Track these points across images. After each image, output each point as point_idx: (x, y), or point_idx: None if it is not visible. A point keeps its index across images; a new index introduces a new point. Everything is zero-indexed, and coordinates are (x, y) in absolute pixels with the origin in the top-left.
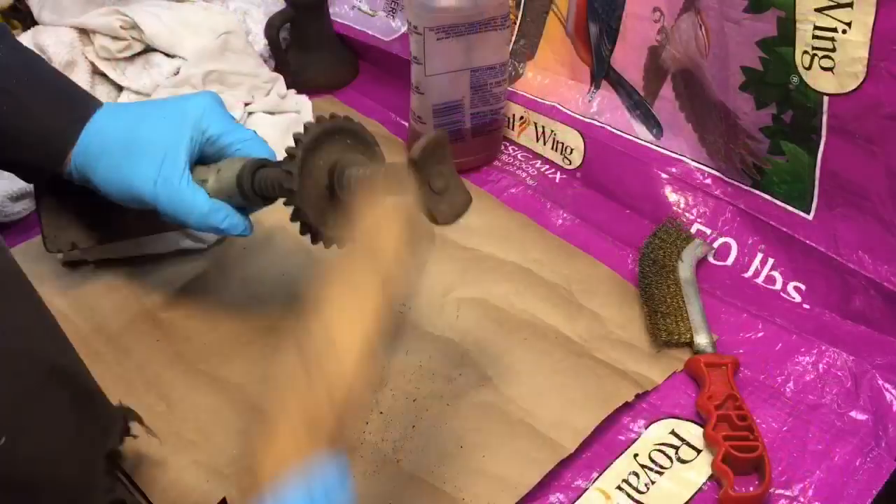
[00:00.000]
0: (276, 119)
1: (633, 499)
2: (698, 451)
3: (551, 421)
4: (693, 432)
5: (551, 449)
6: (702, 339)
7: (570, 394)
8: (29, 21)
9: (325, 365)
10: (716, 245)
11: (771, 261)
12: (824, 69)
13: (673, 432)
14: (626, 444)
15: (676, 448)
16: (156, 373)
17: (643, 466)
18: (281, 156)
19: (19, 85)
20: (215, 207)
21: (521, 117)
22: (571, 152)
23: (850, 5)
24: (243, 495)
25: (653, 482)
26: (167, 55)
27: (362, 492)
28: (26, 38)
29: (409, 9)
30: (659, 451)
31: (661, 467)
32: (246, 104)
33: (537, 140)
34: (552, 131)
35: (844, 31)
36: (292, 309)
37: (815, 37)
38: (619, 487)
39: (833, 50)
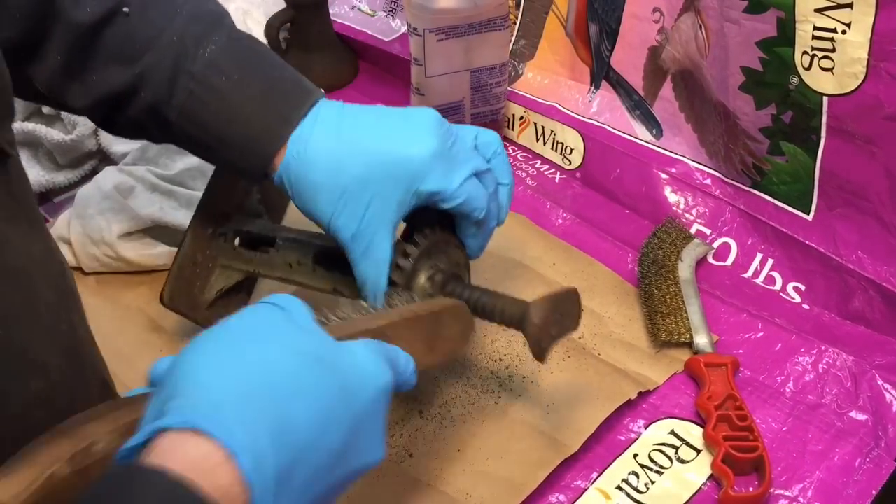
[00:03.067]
0: None
1: (632, 499)
2: (698, 452)
3: (553, 421)
4: (693, 432)
5: (554, 449)
6: (701, 339)
7: (572, 394)
8: None
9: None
10: (715, 245)
11: (770, 261)
12: (824, 70)
13: (673, 432)
14: (625, 445)
15: (676, 448)
16: None
17: (643, 466)
18: None
19: (228, 82)
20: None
21: (521, 117)
22: (571, 152)
23: (850, 6)
24: None
25: (652, 482)
26: None
27: (367, 496)
28: None
29: (409, 10)
30: (659, 451)
31: (661, 467)
32: None
33: (537, 140)
34: (552, 131)
35: (844, 32)
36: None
37: (814, 37)
38: (618, 487)
39: (833, 50)
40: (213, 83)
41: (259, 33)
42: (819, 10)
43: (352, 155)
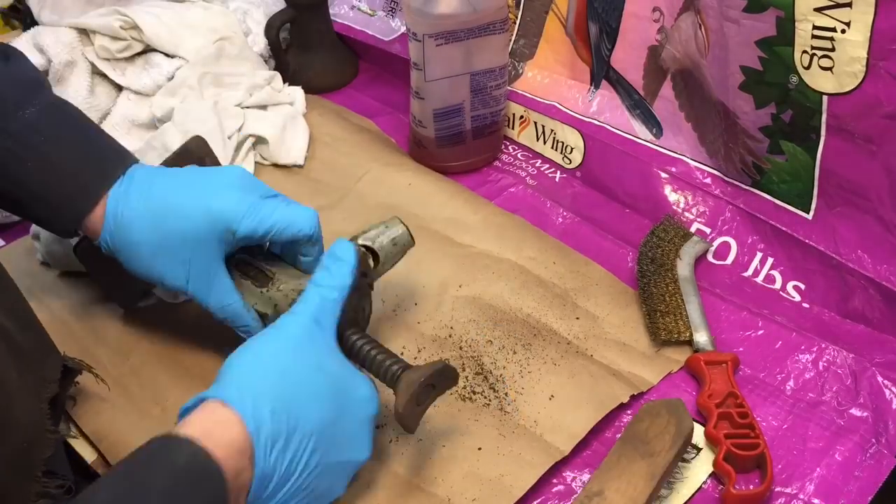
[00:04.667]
0: (273, 117)
1: None
2: (699, 450)
3: (545, 423)
4: (694, 431)
5: (546, 452)
6: (701, 337)
7: (565, 395)
8: (29, 21)
9: None
10: (715, 244)
11: (770, 260)
12: (823, 69)
13: None
14: None
15: None
16: (151, 376)
17: None
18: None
19: (46, 142)
20: (241, 311)
21: (521, 116)
22: (571, 151)
23: (850, 5)
24: None
25: None
26: (167, 55)
27: (359, 496)
28: (26, 39)
29: (408, 16)
30: None
31: None
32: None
33: (537, 139)
34: (552, 130)
35: (843, 31)
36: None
37: (814, 36)
38: None
39: (832, 50)
40: (30, 142)
41: (259, 33)
42: (818, 10)
43: (166, 213)
